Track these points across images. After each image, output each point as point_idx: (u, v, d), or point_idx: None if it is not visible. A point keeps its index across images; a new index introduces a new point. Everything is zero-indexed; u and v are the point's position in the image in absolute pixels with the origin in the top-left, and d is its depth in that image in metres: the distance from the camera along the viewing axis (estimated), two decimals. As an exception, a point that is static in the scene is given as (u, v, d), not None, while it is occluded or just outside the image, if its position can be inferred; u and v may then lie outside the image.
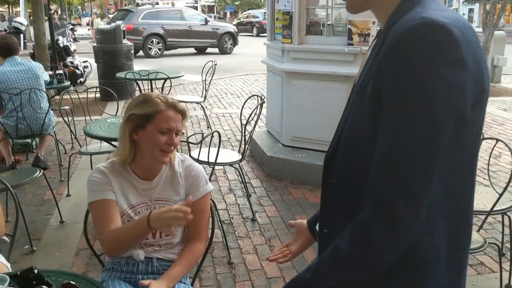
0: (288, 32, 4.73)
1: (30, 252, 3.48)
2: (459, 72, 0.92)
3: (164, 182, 2.01)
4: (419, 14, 0.97)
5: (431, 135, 0.93)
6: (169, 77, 5.98)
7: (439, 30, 0.93)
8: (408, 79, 0.93)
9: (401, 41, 0.94)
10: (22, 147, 5.70)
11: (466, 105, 0.95)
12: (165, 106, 1.90)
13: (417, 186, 0.95)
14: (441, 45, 0.92)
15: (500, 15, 9.55)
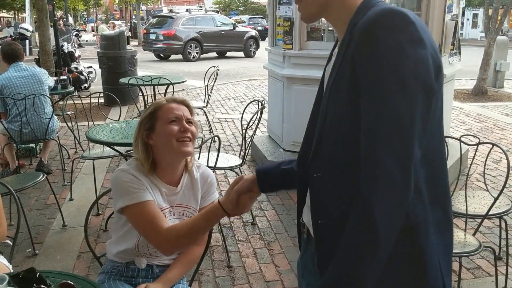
0: (289, 38, 4.79)
1: (32, 255, 3.53)
2: (419, 49, 1.06)
3: (185, 188, 2.01)
4: (379, 8, 1.12)
5: (406, 103, 1.05)
6: (171, 82, 6.03)
7: (397, 15, 1.08)
8: (378, 59, 1.06)
9: (367, 30, 1.08)
10: (26, 152, 5.77)
11: (431, 77, 1.08)
12: (165, 101, 1.96)
13: (403, 150, 1.05)
14: (401, 27, 1.06)
15: (503, 20, 9.55)
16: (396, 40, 1.05)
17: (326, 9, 1.24)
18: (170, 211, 1.97)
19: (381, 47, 1.05)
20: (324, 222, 1.24)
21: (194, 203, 2.02)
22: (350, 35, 1.15)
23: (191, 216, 1.99)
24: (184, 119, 1.91)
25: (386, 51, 1.05)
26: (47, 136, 4.97)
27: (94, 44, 26.91)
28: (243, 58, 19.64)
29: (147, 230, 1.80)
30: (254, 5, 49.82)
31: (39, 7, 7.91)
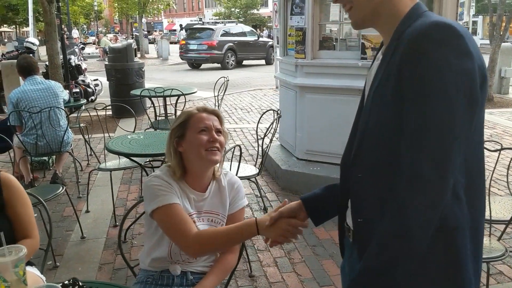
0: (302, 48, 4.82)
1: (53, 267, 3.53)
2: (466, 61, 1.10)
3: (213, 195, 2.05)
4: (427, 20, 1.15)
5: (449, 113, 1.09)
6: (183, 93, 6.08)
7: (447, 28, 1.11)
8: (425, 71, 1.10)
9: (416, 41, 1.12)
10: (38, 164, 5.79)
11: (476, 88, 1.12)
12: (197, 110, 2.00)
13: (441, 154, 1.09)
14: (450, 40, 1.10)
15: (507, 27, 9.62)
16: (443, 53, 1.09)
17: (376, 15, 1.28)
18: (198, 216, 2.00)
19: (428, 59, 1.09)
20: (364, 221, 1.30)
21: (222, 209, 2.06)
22: (396, 44, 1.20)
23: (221, 223, 2.04)
24: (214, 129, 1.97)
25: (433, 64, 1.09)
26: (62, 149, 5.00)
27: (96, 57, 27.06)
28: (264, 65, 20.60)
29: (175, 232, 1.84)
30: (254, 16, 50.11)
31: (48, 21, 7.96)
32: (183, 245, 1.84)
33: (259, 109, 9.63)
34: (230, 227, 1.78)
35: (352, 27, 1.36)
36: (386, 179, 1.22)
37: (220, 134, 1.99)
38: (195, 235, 1.80)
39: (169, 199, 1.88)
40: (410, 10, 1.24)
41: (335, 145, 4.63)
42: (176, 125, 2.00)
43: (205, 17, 66.13)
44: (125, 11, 31.03)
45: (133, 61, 8.93)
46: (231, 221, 2.06)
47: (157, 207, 1.86)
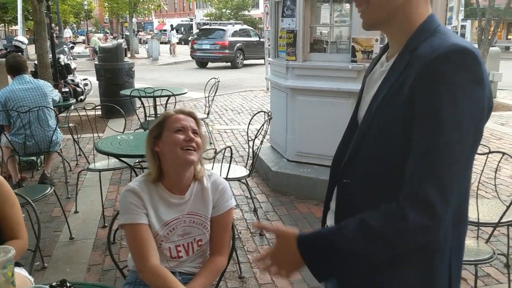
0: (293, 50, 4.83)
1: (41, 268, 3.50)
2: (480, 90, 1.10)
3: (195, 196, 2.05)
4: (449, 41, 1.13)
5: (461, 141, 1.10)
6: (173, 94, 6.05)
7: (468, 54, 1.10)
8: (443, 94, 1.09)
9: (436, 63, 1.10)
10: (27, 164, 5.74)
11: (482, 118, 1.13)
12: (173, 112, 2.05)
13: (448, 181, 1.10)
14: (469, 67, 1.09)
15: (495, 32, 9.73)
16: (463, 80, 1.08)
17: (390, 19, 1.25)
18: (179, 220, 2.01)
19: (446, 83, 1.08)
20: None
21: (204, 211, 2.06)
22: (409, 57, 1.18)
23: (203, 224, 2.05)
24: (190, 129, 1.99)
25: (452, 88, 1.08)
26: (51, 149, 4.96)
27: (86, 56, 26.88)
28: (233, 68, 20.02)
29: (135, 253, 1.94)
30: (245, 17, 50.12)
31: (37, 20, 7.90)
32: (138, 267, 1.93)
33: (250, 111, 9.63)
34: (177, 283, 1.88)
35: (362, 27, 1.31)
36: (377, 190, 1.22)
37: (197, 135, 2.00)
38: (152, 266, 1.88)
39: (135, 219, 1.93)
40: (424, 21, 1.22)
41: (325, 147, 4.65)
42: (154, 126, 2.04)
43: (196, 18, 66.04)
44: (116, 11, 30.81)
45: (123, 61, 8.89)
46: (219, 223, 2.08)
47: (124, 223, 1.95)
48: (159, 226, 1.98)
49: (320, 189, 4.62)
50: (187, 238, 2.04)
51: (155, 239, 1.98)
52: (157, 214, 1.98)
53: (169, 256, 2.03)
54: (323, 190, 4.83)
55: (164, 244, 2.01)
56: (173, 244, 2.02)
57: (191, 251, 2.05)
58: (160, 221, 1.99)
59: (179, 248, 2.03)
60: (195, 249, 2.05)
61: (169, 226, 2.00)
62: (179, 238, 2.02)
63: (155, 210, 1.98)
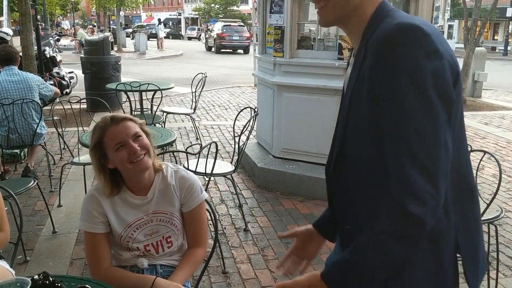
0: (280, 46, 4.84)
1: (24, 262, 3.47)
2: (435, 60, 1.09)
3: (158, 195, 2.02)
4: (393, 22, 1.14)
5: (428, 114, 1.08)
6: (160, 88, 6.02)
7: (412, 29, 1.10)
8: (396, 75, 1.08)
9: (383, 45, 1.11)
10: (10, 157, 5.67)
11: (449, 86, 1.11)
12: (105, 125, 1.90)
13: (429, 161, 1.07)
14: (416, 41, 1.09)
15: (481, 32, 9.83)
16: (412, 55, 1.07)
17: (350, 15, 1.25)
18: (144, 220, 2.00)
19: (398, 62, 1.08)
20: (351, 228, 1.29)
21: (170, 208, 2.04)
22: (365, 47, 1.19)
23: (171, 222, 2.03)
24: (131, 138, 1.89)
25: (403, 67, 1.07)
26: (35, 142, 4.90)
27: (72, 49, 26.60)
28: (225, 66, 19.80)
29: (89, 259, 2.00)
30: (234, 13, 49.95)
31: (22, 11, 7.79)
32: (91, 272, 1.97)
33: (237, 107, 9.63)
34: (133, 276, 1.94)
35: (320, 24, 1.34)
36: (370, 189, 1.21)
37: (140, 137, 1.92)
38: (106, 269, 1.94)
39: (92, 228, 1.95)
40: (375, 11, 1.22)
41: (311, 143, 4.68)
42: (93, 146, 1.93)
43: (184, 12, 65.72)
44: (103, 4, 30.52)
45: (109, 55, 8.80)
46: (192, 217, 2.07)
47: (81, 229, 2.00)
48: (122, 228, 1.97)
49: (305, 185, 4.65)
50: (155, 237, 2.02)
51: (121, 240, 1.98)
52: (119, 218, 1.97)
53: (141, 254, 2.03)
54: (308, 186, 4.89)
55: (132, 245, 2.00)
56: (141, 244, 2.01)
57: (161, 249, 2.04)
58: (122, 224, 1.98)
59: (148, 248, 2.02)
60: (165, 246, 2.04)
61: (133, 227, 1.99)
62: (147, 238, 2.01)
63: (117, 214, 1.97)
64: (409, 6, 4.72)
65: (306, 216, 4.28)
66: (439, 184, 1.08)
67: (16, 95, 4.72)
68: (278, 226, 4.11)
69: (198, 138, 6.90)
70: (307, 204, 4.54)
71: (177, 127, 7.63)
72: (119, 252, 2.05)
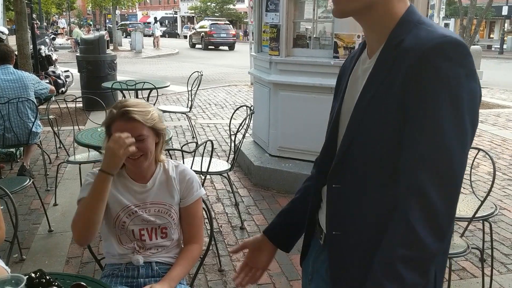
0: (276, 45, 4.85)
1: (20, 260, 3.47)
2: (473, 82, 1.06)
3: (158, 186, 2.05)
4: (437, 32, 1.07)
5: (461, 138, 1.04)
6: (155, 87, 6.02)
7: (459, 46, 1.05)
8: (438, 90, 1.04)
9: (428, 56, 1.05)
10: (6, 156, 5.66)
11: (478, 110, 1.08)
12: (115, 116, 1.91)
13: (451, 184, 1.05)
14: (461, 59, 1.05)
15: (477, 30, 9.87)
16: (457, 73, 1.03)
17: (371, 9, 1.16)
18: (141, 207, 2.02)
19: (442, 78, 1.03)
20: (341, 234, 1.24)
21: (170, 199, 2.06)
22: (395, 52, 1.12)
23: (169, 213, 2.05)
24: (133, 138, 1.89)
25: (446, 81, 1.03)
26: (30, 141, 4.90)
27: (68, 48, 26.55)
28: (222, 65, 19.75)
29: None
30: (230, 11, 49.92)
31: (18, 10, 7.77)
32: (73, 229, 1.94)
33: (233, 105, 9.63)
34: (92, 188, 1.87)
35: (334, 13, 1.21)
36: (373, 195, 1.16)
37: (143, 140, 1.92)
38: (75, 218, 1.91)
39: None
40: (406, 13, 1.15)
41: (307, 142, 4.69)
42: (104, 125, 1.97)
43: (180, 11, 65.63)
44: (99, 2, 30.46)
45: (105, 53, 8.79)
46: (189, 213, 2.09)
47: (80, 198, 1.96)
48: (120, 209, 2.00)
49: (301, 183, 4.65)
50: (151, 224, 2.04)
51: (116, 223, 2.00)
52: (118, 199, 2.00)
53: (133, 237, 2.03)
54: (304, 184, 4.72)
55: (128, 226, 2.01)
56: (137, 227, 2.02)
57: (155, 237, 2.04)
58: (120, 205, 2.00)
59: (142, 232, 2.03)
60: (159, 235, 2.05)
61: (130, 210, 2.01)
62: (143, 223, 2.02)
63: (116, 195, 2.00)
64: (404, 5, 4.73)
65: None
66: (454, 209, 1.06)
67: (11, 94, 4.71)
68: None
69: (194, 136, 6.90)
70: (303, 202, 4.55)
71: (173, 126, 7.63)
72: (113, 245, 2.05)
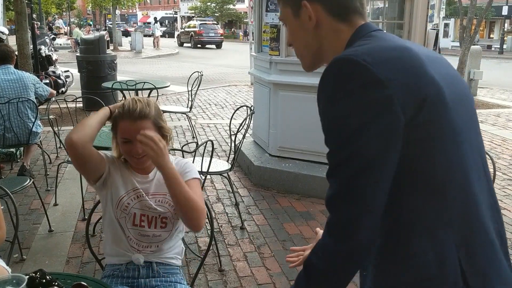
0: (276, 45, 4.85)
1: (20, 260, 3.47)
2: (375, 90, 1.01)
3: (159, 177, 2.03)
4: (346, 51, 1.12)
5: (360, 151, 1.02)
6: (155, 87, 6.02)
7: (345, 62, 1.06)
8: (327, 107, 1.08)
9: (321, 77, 1.09)
10: (6, 156, 5.67)
11: (396, 117, 1.01)
12: (123, 114, 1.93)
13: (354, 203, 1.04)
14: (348, 74, 1.04)
15: (476, 30, 9.88)
16: (342, 87, 1.04)
17: (320, 54, 1.24)
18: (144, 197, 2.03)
19: (329, 95, 1.06)
20: None
21: None
22: None
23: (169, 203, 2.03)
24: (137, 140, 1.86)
25: (334, 99, 1.05)
26: (30, 141, 4.90)
27: (68, 48, 26.55)
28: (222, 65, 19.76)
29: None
30: (230, 11, 49.94)
31: (18, 10, 7.76)
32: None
33: (233, 105, 9.63)
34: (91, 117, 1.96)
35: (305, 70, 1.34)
36: None
37: None
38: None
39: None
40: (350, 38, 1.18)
41: (307, 142, 4.69)
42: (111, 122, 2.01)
43: (180, 11, 65.62)
44: (99, 2, 30.45)
45: (105, 53, 8.78)
46: None
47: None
48: (125, 191, 2.02)
49: (302, 183, 4.67)
50: (151, 212, 2.04)
51: (121, 202, 2.01)
52: (123, 180, 2.03)
53: (132, 222, 2.03)
54: (305, 184, 4.90)
55: (131, 209, 2.02)
56: (139, 211, 2.02)
57: (154, 226, 2.04)
58: (125, 187, 2.03)
59: (143, 218, 2.03)
60: (158, 224, 2.05)
61: (135, 193, 2.03)
62: (145, 209, 2.03)
63: (121, 177, 2.03)
64: (405, 5, 4.74)
65: (302, 214, 4.30)
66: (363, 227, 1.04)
67: (11, 94, 4.71)
68: (274, 224, 4.12)
69: (194, 136, 6.90)
70: (304, 202, 4.55)
71: (173, 126, 7.63)
72: (115, 238, 2.06)
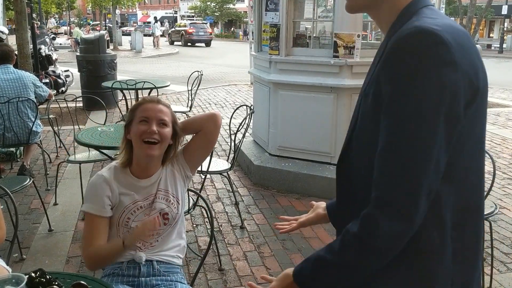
0: (276, 44, 4.84)
1: (20, 260, 3.47)
2: (448, 72, 0.98)
3: (164, 177, 2.09)
4: (413, 23, 1.04)
5: (422, 134, 1.00)
6: (155, 86, 6.02)
7: (428, 35, 1.00)
8: (401, 82, 1.01)
9: (395, 48, 1.03)
10: (6, 156, 5.67)
11: (457, 102, 1.00)
12: (145, 100, 2.07)
13: (414, 181, 1.01)
14: (431, 49, 0.99)
15: (476, 29, 9.88)
16: (423, 64, 0.99)
17: (376, 4, 1.17)
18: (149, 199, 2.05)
19: (406, 69, 1.00)
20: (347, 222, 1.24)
21: (173, 189, 2.10)
22: (385, 44, 1.11)
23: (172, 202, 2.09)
24: (156, 120, 1.99)
25: (411, 75, 0.99)
26: (30, 140, 4.90)
27: (68, 47, 26.54)
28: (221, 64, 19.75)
29: (84, 242, 2.02)
30: (230, 11, 49.92)
31: (18, 10, 7.77)
32: (83, 248, 2.00)
33: (233, 105, 9.63)
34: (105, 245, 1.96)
35: (346, 9, 1.23)
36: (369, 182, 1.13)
37: (165, 126, 2.01)
38: (90, 250, 1.94)
39: (99, 212, 1.98)
40: (408, 4, 1.13)
41: (307, 141, 4.69)
42: (128, 112, 2.09)
43: (180, 10, 65.59)
44: (99, 2, 30.44)
45: (105, 53, 8.79)
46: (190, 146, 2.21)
47: (85, 211, 2.01)
48: (130, 202, 2.03)
49: (301, 183, 4.67)
50: (153, 213, 2.05)
51: (120, 220, 2.01)
52: (122, 199, 2.02)
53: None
54: (304, 184, 4.90)
55: (131, 222, 2.03)
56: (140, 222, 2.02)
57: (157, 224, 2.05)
58: (130, 199, 2.03)
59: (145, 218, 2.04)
60: (161, 222, 2.05)
61: (135, 206, 2.03)
62: (146, 216, 2.04)
63: (123, 194, 2.03)
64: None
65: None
66: (417, 208, 1.02)
67: (11, 93, 4.71)
68: (274, 223, 4.11)
69: (194, 136, 6.88)
70: (303, 201, 4.55)
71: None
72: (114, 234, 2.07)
